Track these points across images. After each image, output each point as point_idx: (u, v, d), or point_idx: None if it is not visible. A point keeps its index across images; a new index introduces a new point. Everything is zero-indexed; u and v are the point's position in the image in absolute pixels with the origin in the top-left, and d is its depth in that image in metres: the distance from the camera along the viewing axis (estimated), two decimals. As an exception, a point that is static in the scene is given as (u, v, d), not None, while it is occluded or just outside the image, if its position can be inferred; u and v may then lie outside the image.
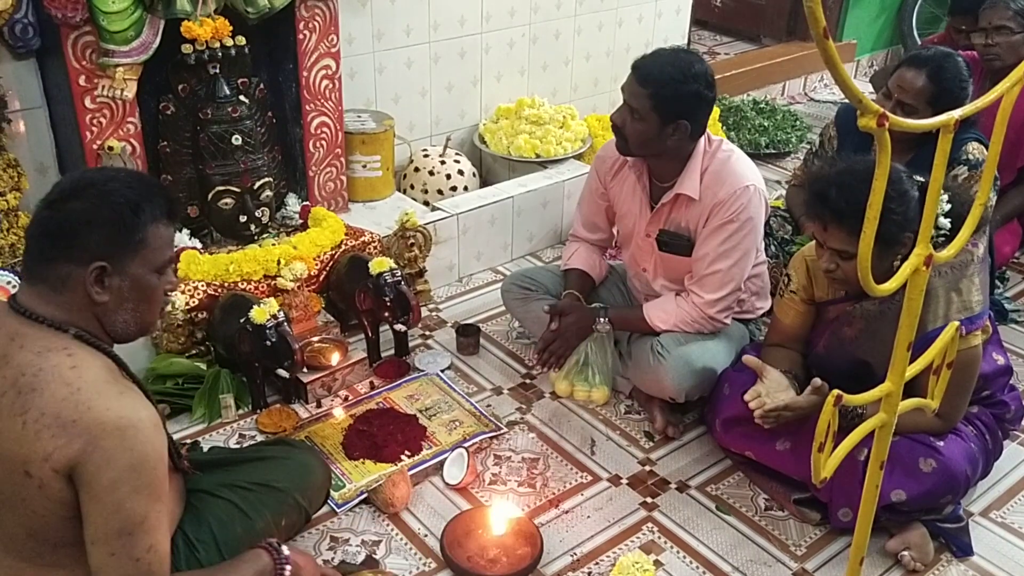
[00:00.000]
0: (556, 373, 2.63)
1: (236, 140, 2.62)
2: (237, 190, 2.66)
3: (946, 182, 2.20)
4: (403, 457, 2.32)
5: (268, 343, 2.35)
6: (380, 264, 2.58)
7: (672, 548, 2.13)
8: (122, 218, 1.46)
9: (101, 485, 1.40)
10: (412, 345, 2.79)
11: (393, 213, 3.02)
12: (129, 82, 2.42)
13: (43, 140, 2.61)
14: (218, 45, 2.53)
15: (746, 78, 4.99)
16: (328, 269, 2.76)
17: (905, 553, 2.08)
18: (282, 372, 2.41)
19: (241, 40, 2.58)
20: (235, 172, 2.65)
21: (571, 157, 3.53)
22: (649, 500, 2.27)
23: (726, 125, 4.37)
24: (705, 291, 2.38)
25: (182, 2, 2.41)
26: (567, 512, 2.22)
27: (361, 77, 3.20)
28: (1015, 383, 2.29)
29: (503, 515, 2.12)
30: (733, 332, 2.48)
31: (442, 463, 2.31)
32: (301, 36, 2.71)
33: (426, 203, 3.24)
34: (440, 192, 3.32)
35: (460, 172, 3.37)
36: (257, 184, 2.69)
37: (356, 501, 2.19)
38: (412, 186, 3.36)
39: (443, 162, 3.37)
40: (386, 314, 2.60)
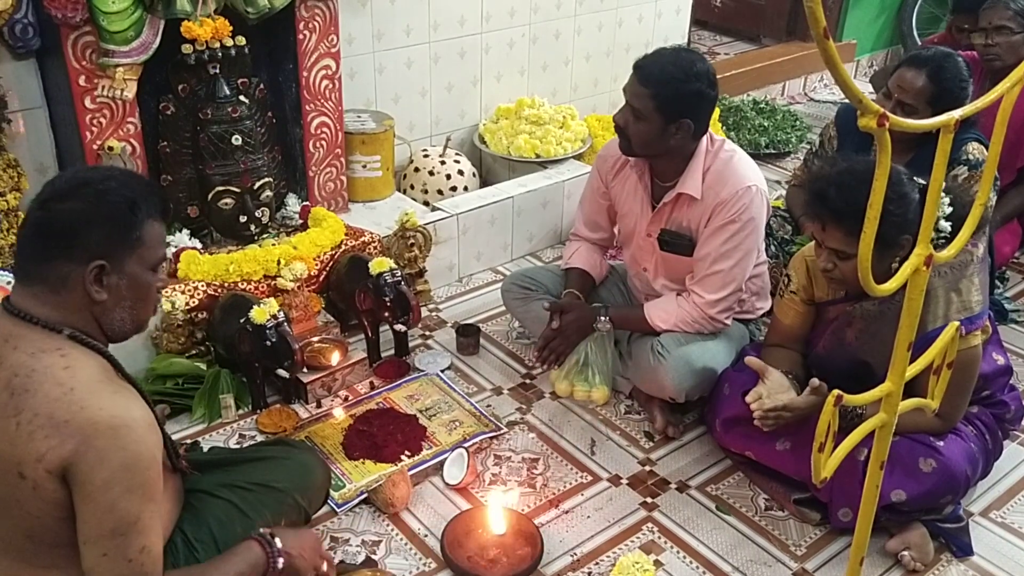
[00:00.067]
0: (556, 373, 2.63)
1: (236, 140, 2.62)
2: (237, 190, 2.66)
3: (946, 182, 2.20)
4: (403, 457, 2.32)
5: (268, 343, 2.35)
6: (380, 264, 2.58)
7: (672, 548, 2.13)
8: (120, 217, 1.47)
9: (94, 485, 1.39)
10: (412, 345, 2.79)
11: (393, 213, 3.02)
12: (129, 82, 2.42)
13: (43, 140, 2.61)
14: (218, 45, 2.53)
15: (746, 78, 4.99)
16: (328, 269, 2.76)
17: (905, 553, 2.08)
18: (282, 372, 2.41)
19: (241, 40, 2.58)
20: (235, 172, 2.65)
21: (571, 157, 3.53)
22: (649, 500, 2.27)
23: (726, 125, 4.37)
24: (706, 291, 2.38)
25: (182, 2, 2.41)
26: (567, 512, 2.22)
27: (361, 77, 3.20)
28: (1015, 383, 2.29)
29: (499, 506, 2.12)
30: (733, 332, 2.48)
31: (442, 463, 2.31)
32: (301, 36, 2.71)
33: (426, 203, 3.24)
34: (440, 192, 3.32)
35: (460, 172, 3.37)
36: (257, 184, 2.69)
37: (356, 501, 2.19)
38: (412, 186, 3.36)
39: (443, 162, 3.37)
40: (386, 314, 2.60)
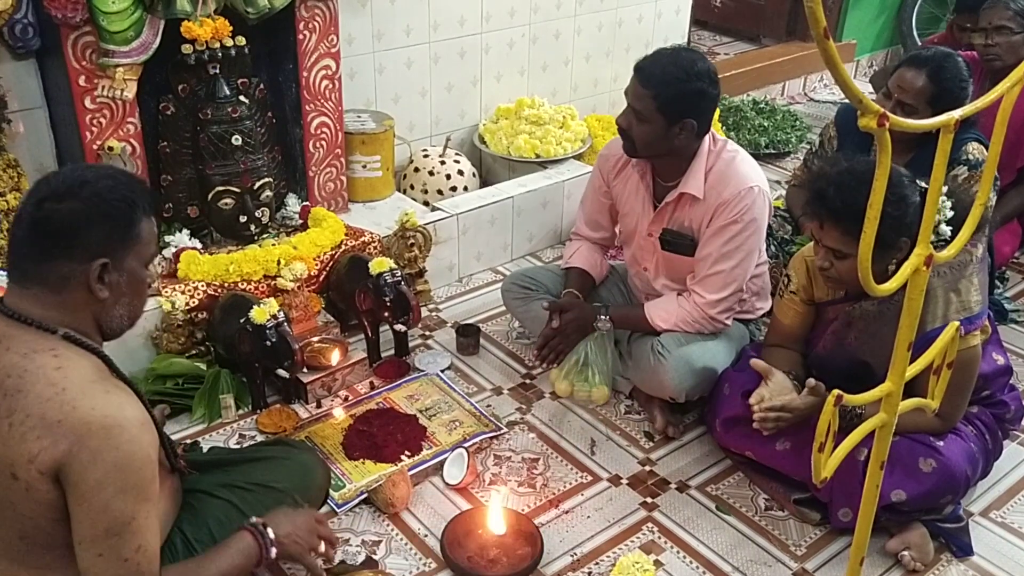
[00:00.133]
0: (556, 373, 2.63)
1: (236, 140, 2.62)
2: (237, 190, 2.66)
3: (946, 183, 2.20)
4: (403, 457, 2.32)
5: (268, 343, 2.35)
6: (380, 264, 2.58)
7: (672, 548, 2.13)
8: (120, 215, 1.48)
9: (87, 485, 1.39)
10: (412, 345, 2.79)
11: (393, 213, 3.02)
12: (129, 82, 2.42)
13: (43, 140, 2.61)
14: (218, 45, 2.53)
15: (746, 78, 4.99)
16: (328, 269, 2.76)
17: (905, 553, 2.08)
18: (282, 372, 2.41)
19: (241, 40, 2.58)
20: (235, 172, 2.65)
21: (571, 157, 3.53)
22: (649, 500, 2.27)
23: (726, 125, 4.37)
24: (707, 291, 2.38)
25: (182, 2, 2.40)
26: (567, 512, 2.22)
27: (361, 77, 3.20)
28: (1015, 383, 2.29)
29: (499, 506, 2.12)
30: (733, 332, 2.48)
31: (442, 463, 2.31)
32: (301, 36, 2.71)
33: (426, 203, 3.24)
34: (440, 192, 3.32)
35: (460, 172, 3.37)
36: (257, 184, 2.69)
37: (356, 501, 2.19)
38: (412, 186, 3.36)
39: (443, 162, 3.37)
40: (386, 314, 2.60)
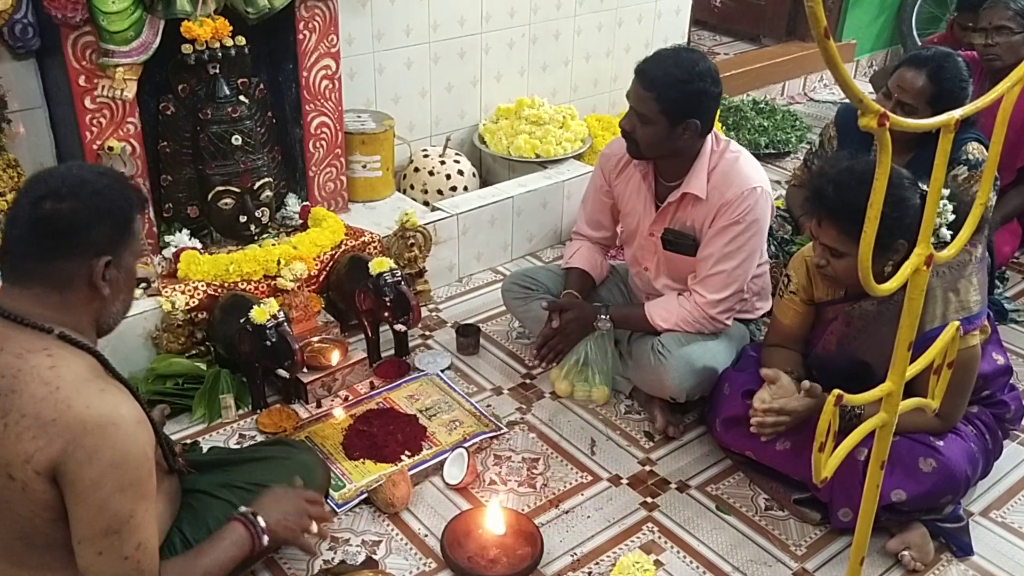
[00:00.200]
0: (556, 372, 2.63)
1: (236, 140, 2.62)
2: (237, 190, 2.66)
3: (946, 183, 2.20)
4: (403, 457, 2.32)
5: (268, 343, 2.35)
6: (380, 264, 2.58)
7: (672, 548, 2.13)
8: (119, 213, 1.50)
9: (84, 484, 1.40)
10: (412, 345, 2.79)
11: (393, 213, 3.02)
12: (129, 82, 2.42)
13: (43, 140, 2.61)
14: (218, 45, 2.53)
15: (746, 78, 4.99)
16: (328, 269, 2.76)
17: (905, 553, 2.08)
18: (282, 372, 2.41)
19: (241, 40, 2.58)
20: (235, 172, 2.65)
21: (571, 157, 3.53)
22: (649, 500, 2.27)
23: (726, 125, 4.37)
24: (708, 291, 2.38)
25: (182, 2, 2.40)
26: (567, 512, 2.22)
27: (361, 77, 3.20)
28: (1015, 383, 2.29)
29: (498, 506, 2.12)
30: (734, 332, 2.48)
31: (442, 463, 2.31)
32: (301, 36, 2.71)
33: (426, 203, 3.24)
34: (440, 192, 3.32)
35: (460, 172, 3.37)
36: (257, 184, 2.69)
37: (356, 501, 2.19)
38: (412, 186, 3.36)
39: (443, 162, 3.37)
40: (386, 314, 2.60)
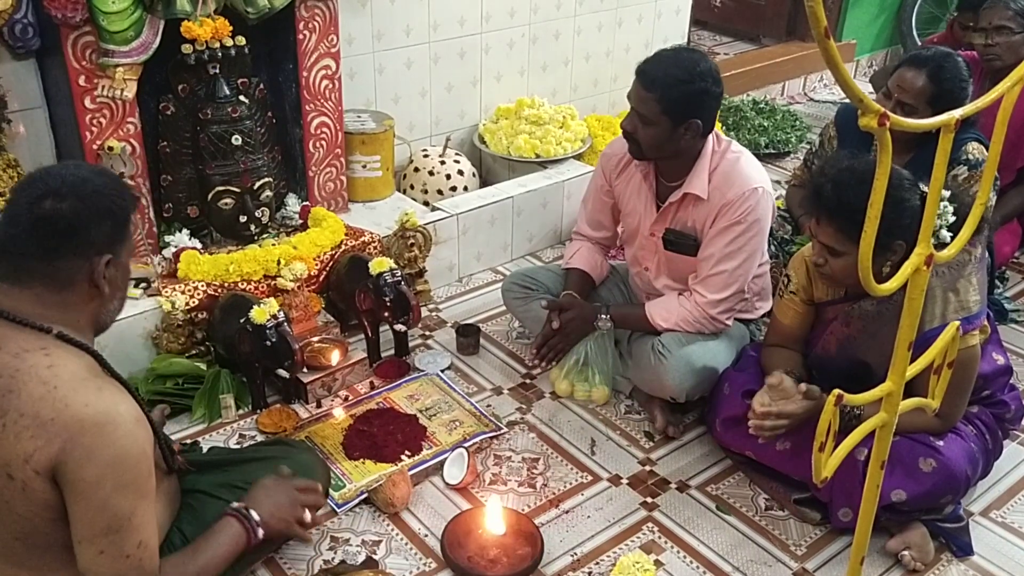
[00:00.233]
0: (556, 372, 2.63)
1: (236, 140, 2.62)
2: (237, 190, 2.66)
3: (946, 183, 2.20)
4: (403, 457, 2.32)
5: (268, 343, 2.35)
6: (380, 264, 2.58)
7: (672, 548, 2.13)
8: (118, 211, 1.51)
9: (84, 483, 1.40)
10: (412, 345, 2.79)
11: (393, 213, 3.02)
12: (129, 82, 2.42)
13: (43, 140, 2.61)
14: (218, 45, 2.52)
15: (746, 78, 4.99)
16: (328, 269, 2.76)
17: (905, 553, 2.08)
18: (282, 372, 2.41)
19: (241, 40, 2.58)
20: (235, 172, 2.65)
21: (571, 157, 3.53)
22: (649, 500, 2.27)
23: (726, 125, 4.37)
24: (709, 291, 2.38)
25: (182, 2, 2.40)
26: (567, 512, 2.22)
27: (361, 77, 3.20)
28: (1015, 383, 2.29)
29: (497, 508, 2.12)
30: (734, 332, 2.48)
31: (442, 463, 2.31)
32: (301, 36, 2.71)
33: (426, 203, 3.24)
34: (440, 192, 3.32)
35: (460, 172, 3.37)
36: (257, 184, 2.69)
37: (356, 501, 2.19)
38: (412, 186, 3.36)
39: (443, 162, 3.37)
40: (386, 314, 2.60)
